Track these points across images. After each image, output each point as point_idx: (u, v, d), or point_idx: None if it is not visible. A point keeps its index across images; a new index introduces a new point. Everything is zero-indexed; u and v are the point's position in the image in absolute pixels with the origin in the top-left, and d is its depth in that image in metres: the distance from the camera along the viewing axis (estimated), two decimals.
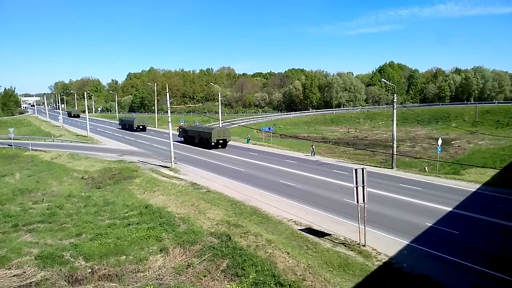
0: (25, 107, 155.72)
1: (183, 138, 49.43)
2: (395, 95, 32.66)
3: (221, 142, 43.29)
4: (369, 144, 59.48)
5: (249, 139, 50.31)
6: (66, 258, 14.71)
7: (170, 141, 32.68)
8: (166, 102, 34.60)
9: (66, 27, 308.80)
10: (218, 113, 62.22)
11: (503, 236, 15.68)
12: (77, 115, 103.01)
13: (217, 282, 12.85)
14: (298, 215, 18.56)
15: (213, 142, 42.51)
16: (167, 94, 34.66)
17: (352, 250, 14.27)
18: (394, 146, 31.61)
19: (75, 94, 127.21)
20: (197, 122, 66.27)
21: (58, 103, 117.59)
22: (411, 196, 21.69)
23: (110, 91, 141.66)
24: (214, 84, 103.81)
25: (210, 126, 53.31)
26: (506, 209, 19.03)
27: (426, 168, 31.75)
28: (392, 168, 30.79)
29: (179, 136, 50.21)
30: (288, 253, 13.77)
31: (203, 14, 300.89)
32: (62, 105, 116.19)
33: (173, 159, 32.35)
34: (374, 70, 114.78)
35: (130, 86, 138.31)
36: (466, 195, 21.64)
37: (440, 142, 33.51)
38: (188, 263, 14.13)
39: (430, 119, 75.54)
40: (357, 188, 14.41)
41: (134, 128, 64.92)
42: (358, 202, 14.53)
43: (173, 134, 35.13)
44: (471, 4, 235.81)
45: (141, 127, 65.55)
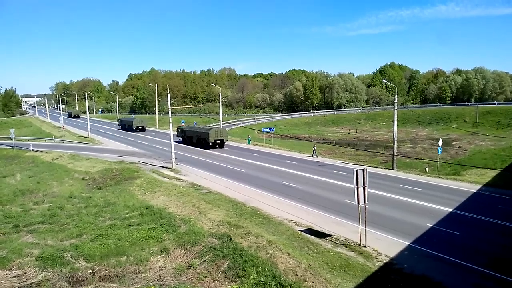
0: (25, 108, 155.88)
1: (181, 138, 50.10)
2: (396, 96, 32.72)
3: (218, 142, 43.77)
4: (369, 145, 59.47)
5: (250, 140, 50.37)
6: (67, 259, 14.72)
7: (171, 142, 32.72)
8: (167, 103, 34.62)
9: (67, 28, 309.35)
10: (219, 113, 62.33)
11: (504, 236, 15.69)
12: (77, 116, 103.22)
13: (218, 283, 12.85)
14: (299, 216, 18.57)
15: (210, 142, 42.99)
16: (168, 95, 34.60)
17: (353, 251, 14.28)
18: (395, 147, 31.63)
19: (76, 95, 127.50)
20: (195, 122, 66.45)
21: (59, 104, 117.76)
22: (412, 197, 21.69)
23: (111, 92, 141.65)
24: (215, 84, 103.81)
25: (208, 126, 53.68)
26: (506, 209, 19.03)
27: (427, 169, 31.72)
28: (392, 169, 30.78)
29: (178, 136, 50.78)
30: (289, 254, 13.77)
31: (204, 14, 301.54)
32: (62, 106, 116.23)
33: (173, 160, 32.38)
34: (375, 71, 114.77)
35: (131, 87, 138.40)
36: (466, 196, 21.64)
37: (440, 143, 33.44)
38: (189, 264, 14.13)
39: (430, 120, 75.54)
40: (357, 189, 14.42)
41: (133, 128, 65.34)
42: (358, 203, 14.54)
43: (173, 135, 35.16)
44: (472, 5, 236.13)
45: (140, 128, 65.89)
